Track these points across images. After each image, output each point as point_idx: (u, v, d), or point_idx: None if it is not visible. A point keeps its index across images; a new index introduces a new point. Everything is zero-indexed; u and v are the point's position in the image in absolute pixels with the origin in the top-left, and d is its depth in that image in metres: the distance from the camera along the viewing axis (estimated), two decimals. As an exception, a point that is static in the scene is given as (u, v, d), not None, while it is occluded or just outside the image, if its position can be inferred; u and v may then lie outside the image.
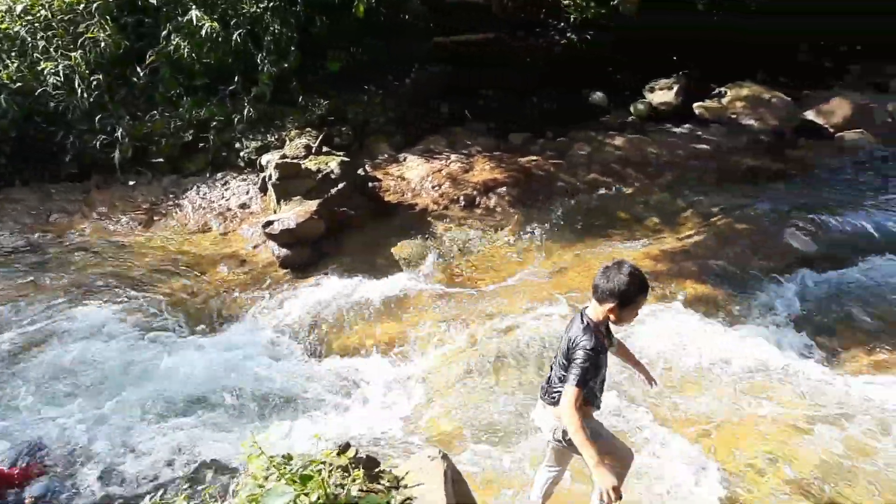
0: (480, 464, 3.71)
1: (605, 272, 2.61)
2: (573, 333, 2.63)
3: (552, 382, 2.76)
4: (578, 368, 2.52)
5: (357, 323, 5.38)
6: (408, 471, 2.46)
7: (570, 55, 8.71)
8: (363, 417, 4.35)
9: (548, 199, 6.89)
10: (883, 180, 7.29)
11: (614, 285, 2.56)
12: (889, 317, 5.04)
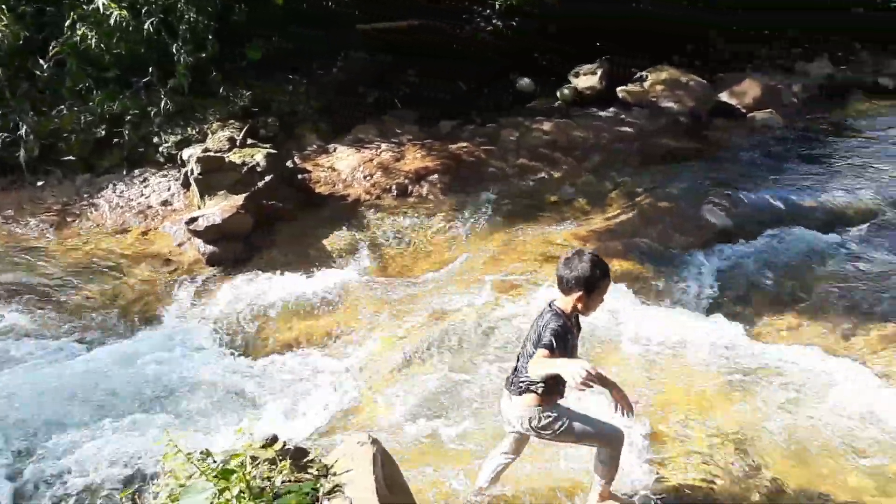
0: (421, 446, 3.72)
1: (567, 263, 2.63)
2: (545, 318, 2.64)
3: (518, 372, 2.73)
4: (548, 338, 2.53)
5: (291, 317, 5.27)
6: (337, 458, 2.43)
7: (497, 42, 8.79)
8: (300, 412, 4.28)
9: (479, 185, 6.95)
10: (789, 157, 7.76)
11: (578, 273, 2.57)
12: (798, 283, 5.38)
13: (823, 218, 6.22)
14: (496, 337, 4.77)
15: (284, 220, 6.23)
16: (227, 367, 4.73)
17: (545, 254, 5.84)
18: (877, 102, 9.66)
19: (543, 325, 2.61)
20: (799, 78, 10.14)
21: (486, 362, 4.49)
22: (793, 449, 3.65)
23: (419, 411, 4.07)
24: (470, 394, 4.20)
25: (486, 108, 8.32)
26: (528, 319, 4.83)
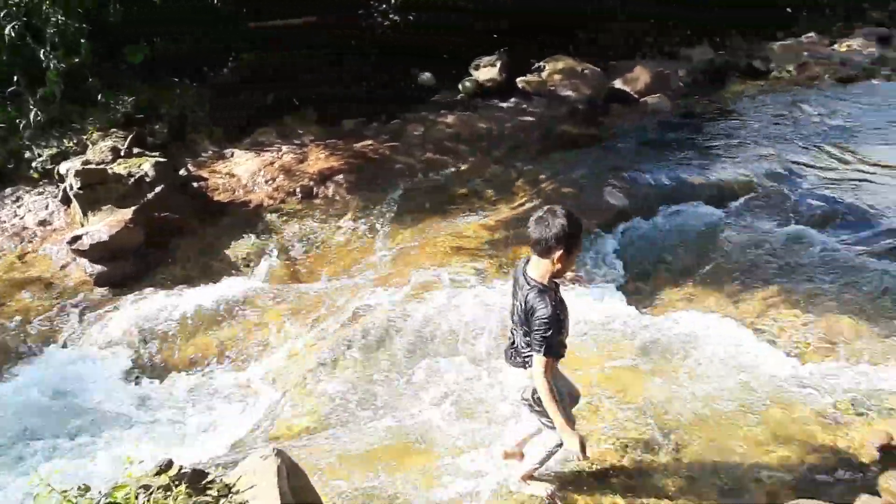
0: (334, 454, 3.61)
1: (541, 221, 2.49)
2: (527, 298, 2.52)
3: (518, 347, 2.68)
4: (541, 339, 2.45)
5: (194, 333, 4.99)
6: (241, 475, 2.30)
7: (396, 37, 8.70)
8: (206, 431, 4.05)
9: (386, 183, 6.87)
10: (679, 137, 8.20)
11: (558, 230, 2.43)
12: (692, 256, 5.70)
13: (711, 193, 6.61)
14: (411, 334, 4.73)
15: (181, 232, 5.88)
16: (124, 392, 4.42)
17: (457, 247, 5.86)
18: (751, 83, 10.42)
19: (530, 308, 2.50)
20: (683, 63, 10.76)
21: (402, 361, 4.45)
22: (695, 410, 3.87)
23: (333, 418, 3.98)
24: (386, 395, 4.14)
25: (390, 104, 8.21)
26: (443, 314, 4.91)
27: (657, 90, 9.54)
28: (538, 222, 2.49)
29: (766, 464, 3.50)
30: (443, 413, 3.84)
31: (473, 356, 4.44)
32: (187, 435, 4.11)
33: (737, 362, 4.25)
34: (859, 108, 9.27)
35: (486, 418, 3.76)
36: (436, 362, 4.37)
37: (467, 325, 4.78)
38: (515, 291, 2.65)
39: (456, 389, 4.03)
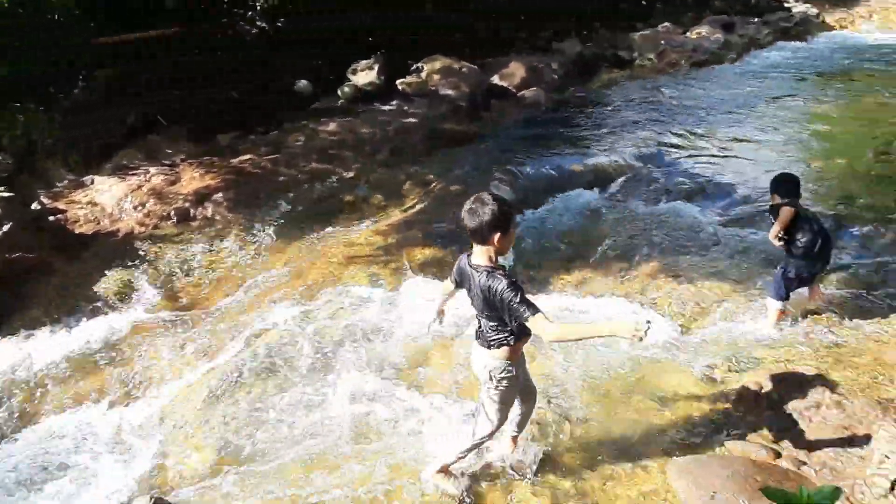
0: (230, 496, 3.38)
1: (473, 212, 2.56)
2: (482, 285, 2.60)
3: (485, 331, 2.77)
4: (521, 302, 2.48)
5: (66, 379, 4.50)
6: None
7: (266, 44, 8.37)
8: (82, 488, 3.65)
9: (270, 197, 6.59)
10: (557, 128, 8.54)
11: (490, 215, 2.52)
12: (578, 241, 5.93)
13: (590, 179, 6.93)
14: (310, 352, 4.55)
15: (38, 272, 5.29)
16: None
17: (350, 256, 5.74)
18: (618, 72, 11.08)
19: (493, 292, 2.54)
20: (555, 57, 11.24)
21: (302, 382, 4.26)
22: (591, 387, 4.03)
23: (230, 454, 3.72)
24: (286, 420, 3.93)
25: (266, 115, 7.88)
26: (341, 327, 4.77)
27: (533, 84, 9.89)
28: (470, 213, 2.58)
29: (658, 426, 3.70)
30: (348, 437, 3.70)
31: (378, 369, 4.34)
32: (60, 492, 3.70)
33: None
34: (712, 89, 10.14)
35: (391, 439, 3.66)
36: (338, 380, 4.22)
37: (368, 336, 4.67)
38: (468, 286, 2.75)
39: (361, 411, 3.90)
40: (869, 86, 9.91)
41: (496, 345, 2.75)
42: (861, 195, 6.27)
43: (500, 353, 2.77)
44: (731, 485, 3.21)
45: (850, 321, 4.42)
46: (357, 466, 3.46)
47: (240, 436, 3.90)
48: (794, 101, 9.41)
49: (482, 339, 2.83)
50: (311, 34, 8.60)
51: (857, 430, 3.54)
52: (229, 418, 4.04)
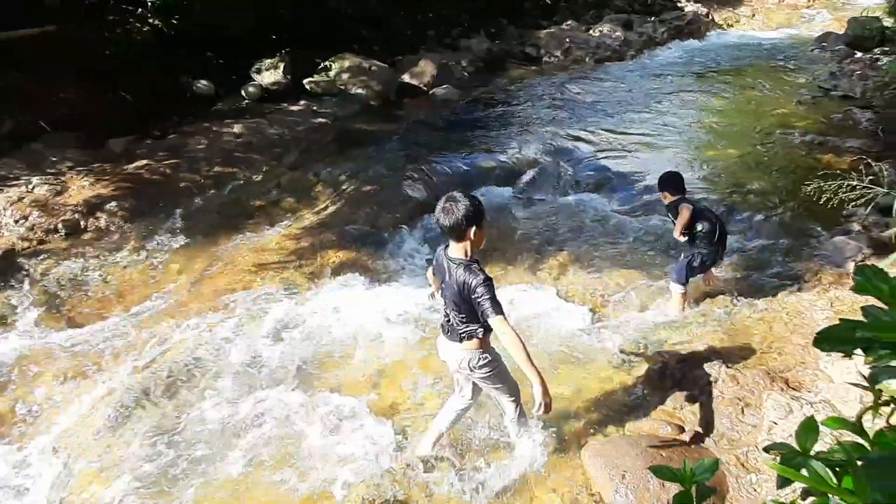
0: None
1: (447, 211, 2.69)
2: (459, 278, 2.72)
3: (454, 324, 2.89)
4: (491, 301, 2.64)
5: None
6: None
7: (159, 42, 7.88)
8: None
9: (171, 204, 6.22)
10: (468, 125, 8.62)
11: (465, 211, 2.67)
12: (491, 236, 5.93)
13: (502, 174, 7.05)
14: (218, 367, 4.35)
15: None
16: None
17: (260, 263, 5.53)
18: (526, 69, 11.33)
19: (466, 285, 2.68)
20: (465, 54, 11.34)
21: (210, 401, 4.05)
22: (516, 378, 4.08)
23: (135, 482, 3.48)
24: (199, 442, 3.72)
25: (163, 117, 7.43)
26: (253, 339, 4.58)
27: (444, 81, 9.93)
28: (445, 212, 2.71)
29: (572, 412, 3.81)
30: (262, 462, 3.55)
31: (293, 378, 4.20)
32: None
33: (542, 326, 4.59)
34: (615, 85, 10.58)
35: (308, 464, 3.52)
36: (250, 396, 4.05)
37: (281, 346, 4.52)
38: (443, 278, 2.85)
39: (275, 434, 3.74)
40: (753, 80, 10.69)
41: (466, 337, 2.88)
42: (749, 182, 6.74)
43: (470, 344, 2.91)
44: (640, 463, 3.35)
45: (743, 300, 4.75)
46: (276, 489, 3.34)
47: (145, 462, 3.67)
48: (688, 95, 10.00)
49: (452, 333, 2.93)
50: (210, 31, 8.18)
51: (750, 400, 3.79)
52: (132, 444, 3.79)
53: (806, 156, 7.25)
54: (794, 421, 3.51)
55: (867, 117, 8.14)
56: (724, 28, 16.17)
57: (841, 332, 1.01)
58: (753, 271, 5.19)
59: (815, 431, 1.11)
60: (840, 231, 5.22)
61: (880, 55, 10.66)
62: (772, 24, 16.54)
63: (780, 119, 8.57)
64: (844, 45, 11.88)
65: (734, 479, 3.30)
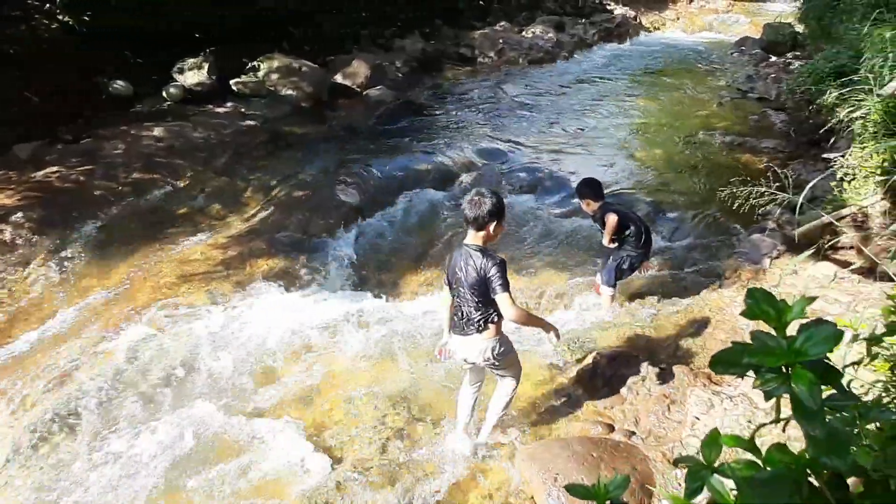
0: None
1: (474, 204, 2.92)
2: (478, 264, 2.93)
3: (470, 316, 3.06)
4: (500, 279, 2.89)
5: None
6: None
7: (70, 40, 7.38)
8: None
9: (85, 214, 5.85)
10: (403, 126, 8.54)
11: (490, 206, 2.91)
12: (426, 240, 5.97)
13: (436, 177, 7.02)
14: (137, 386, 4.11)
15: None
16: None
17: (184, 274, 5.27)
18: (460, 69, 11.36)
19: (483, 269, 2.90)
20: (399, 54, 11.25)
21: (128, 424, 3.82)
22: (447, 383, 4.06)
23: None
24: (108, 474, 3.49)
25: (76, 120, 6.97)
26: (175, 355, 4.36)
27: (378, 82, 9.81)
28: (472, 204, 2.93)
29: (511, 414, 3.82)
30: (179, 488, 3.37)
31: (216, 400, 4.01)
32: None
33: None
34: (548, 86, 10.76)
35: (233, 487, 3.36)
36: (172, 417, 3.85)
37: (204, 362, 4.31)
38: (464, 266, 2.99)
39: (195, 458, 3.56)
40: (678, 82, 11.12)
41: (483, 324, 3.06)
42: (674, 183, 6.99)
43: (489, 332, 3.09)
44: (572, 464, 3.39)
45: (669, 298, 4.90)
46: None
47: (56, 499, 3.41)
48: (617, 96, 10.29)
49: (468, 327, 3.10)
50: (127, 29, 7.73)
51: (675, 396, 3.92)
52: (31, 476, 3.52)
53: (727, 156, 7.58)
54: (715, 416, 3.65)
55: (781, 119, 8.60)
56: (651, 31, 16.77)
57: (732, 356, 1.03)
58: (678, 270, 5.37)
59: (718, 445, 1.14)
60: (756, 229, 5.47)
61: (792, 59, 11.30)
62: (694, 27, 17.28)
63: (703, 120, 8.94)
64: (760, 49, 12.54)
65: (660, 476, 3.39)
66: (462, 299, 3.09)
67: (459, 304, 3.12)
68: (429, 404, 3.95)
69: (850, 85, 4.87)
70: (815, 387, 0.91)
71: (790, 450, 1.02)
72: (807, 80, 6.34)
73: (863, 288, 4.26)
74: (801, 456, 0.99)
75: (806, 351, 0.90)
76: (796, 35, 12.07)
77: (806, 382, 0.91)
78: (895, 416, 1.20)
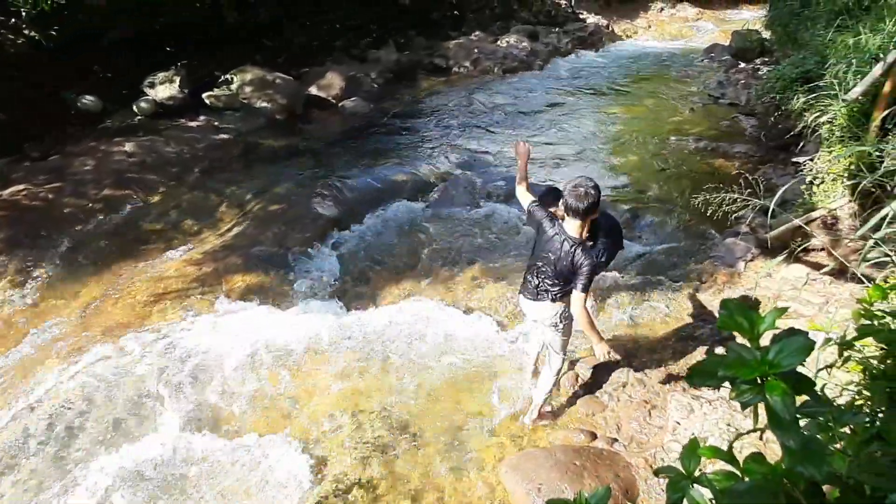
0: None
1: (580, 196, 3.03)
2: (577, 258, 3.11)
3: (547, 287, 3.32)
4: (586, 279, 3.10)
5: None
6: None
7: (35, 56, 7.23)
8: None
9: (55, 233, 5.71)
10: (379, 138, 8.52)
11: (594, 199, 3.05)
12: (404, 252, 5.92)
13: (413, 188, 6.99)
14: (116, 405, 4.01)
15: None
16: None
17: (158, 293, 5.16)
18: (435, 79, 11.38)
19: (580, 263, 3.09)
20: (373, 65, 11.24)
21: (101, 444, 3.72)
22: (425, 394, 4.05)
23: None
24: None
25: (43, 136, 6.81)
26: (150, 374, 4.26)
27: (353, 93, 9.78)
28: (578, 196, 3.04)
29: (488, 427, 3.81)
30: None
31: (196, 420, 3.92)
32: None
33: (456, 341, 4.56)
34: (523, 95, 10.83)
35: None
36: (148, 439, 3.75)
37: (180, 383, 4.22)
38: (561, 253, 3.16)
39: (169, 484, 3.47)
40: (651, 88, 11.28)
41: (559, 297, 3.32)
42: (650, 188, 7.06)
43: (561, 303, 3.35)
44: (554, 473, 3.37)
45: (647, 303, 4.93)
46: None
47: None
48: (592, 104, 10.40)
49: (543, 295, 3.35)
50: (95, 44, 7.60)
51: (656, 402, 3.94)
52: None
53: (700, 161, 7.70)
54: (695, 420, 3.67)
55: (751, 123, 8.76)
56: (624, 39, 17.02)
57: (708, 368, 1.03)
58: (656, 275, 5.41)
59: (697, 455, 1.14)
60: (731, 233, 5.54)
61: (760, 65, 11.55)
62: (665, 35, 17.59)
63: (676, 126, 9.07)
64: (730, 55, 12.80)
65: (643, 482, 3.39)
66: (540, 272, 3.33)
67: (536, 272, 3.35)
68: (409, 417, 3.92)
69: (816, 90, 4.98)
70: (788, 398, 0.91)
71: (767, 460, 1.02)
72: (775, 85, 6.47)
73: (834, 289, 4.33)
74: (778, 466, 0.99)
75: (779, 363, 0.90)
76: (764, 42, 12.35)
77: (780, 393, 0.91)
78: (867, 421, 1.21)
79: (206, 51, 8.76)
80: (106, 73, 7.79)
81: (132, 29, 7.77)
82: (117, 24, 7.51)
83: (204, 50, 8.76)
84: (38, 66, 7.20)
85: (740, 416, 3.54)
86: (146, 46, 8.21)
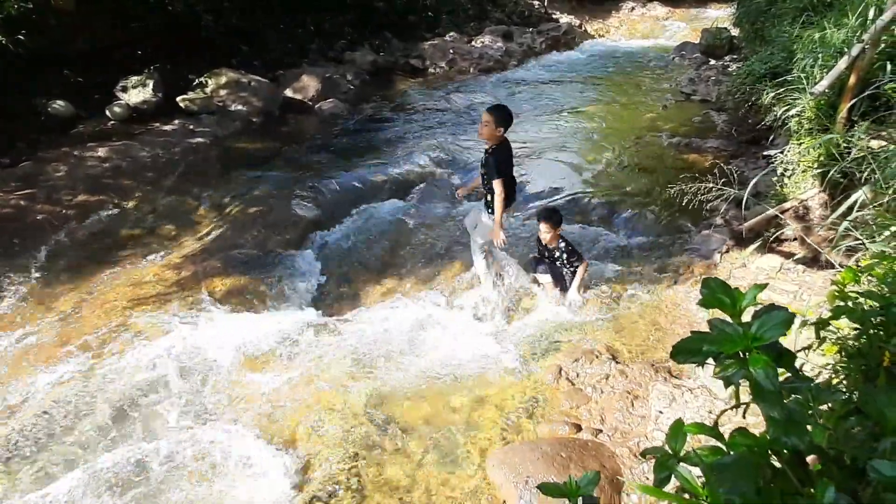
0: None
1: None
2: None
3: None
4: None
5: None
6: None
7: (5, 60, 7.07)
8: None
9: (28, 241, 5.59)
10: (357, 139, 8.50)
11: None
12: (385, 251, 5.93)
13: (393, 188, 7.00)
14: (95, 412, 3.94)
15: None
16: None
17: (137, 298, 5.09)
18: (412, 80, 11.39)
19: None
20: (349, 67, 11.21)
21: (80, 455, 3.65)
22: (411, 394, 4.04)
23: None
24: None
25: (13, 142, 6.67)
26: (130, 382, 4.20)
27: (329, 95, 9.74)
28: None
29: (475, 423, 3.83)
30: None
31: (179, 423, 3.87)
32: None
33: (440, 338, 4.58)
34: (498, 94, 10.90)
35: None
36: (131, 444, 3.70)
37: (161, 389, 4.17)
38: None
39: (155, 488, 3.41)
40: (624, 86, 11.44)
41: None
42: (626, 183, 7.16)
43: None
44: (541, 466, 3.41)
45: (628, 295, 5.01)
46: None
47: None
48: (567, 102, 10.51)
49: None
50: (66, 48, 7.46)
51: (638, 392, 4.00)
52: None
53: (674, 156, 7.84)
54: (677, 409, 3.74)
55: (723, 119, 8.95)
56: (596, 38, 17.22)
57: (692, 344, 1.06)
58: (635, 267, 5.50)
59: (683, 434, 1.18)
60: (706, 225, 5.66)
61: (730, 62, 11.79)
62: (637, 34, 17.85)
63: (649, 122, 9.21)
64: (700, 53, 13.04)
65: (628, 470, 3.45)
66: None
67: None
68: (394, 415, 3.92)
69: (784, 85, 5.12)
70: (771, 370, 0.95)
71: (752, 433, 1.06)
72: (745, 81, 6.63)
73: (807, 277, 4.45)
74: (763, 438, 1.03)
75: (761, 336, 0.94)
76: (732, 39, 12.61)
77: (763, 365, 0.95)
78: (845, 397, 1.26)
79: (180, 55, 8.63)
80: (77, 77, 7.64)
81: (104, 33, 7.61)
82: (89, 29, 7.35)
83: (178, 54, 8.63)
84: (5, 72, 7.03)
85: (721, 402, 3.62)
86: (119, 51, 8.07)
